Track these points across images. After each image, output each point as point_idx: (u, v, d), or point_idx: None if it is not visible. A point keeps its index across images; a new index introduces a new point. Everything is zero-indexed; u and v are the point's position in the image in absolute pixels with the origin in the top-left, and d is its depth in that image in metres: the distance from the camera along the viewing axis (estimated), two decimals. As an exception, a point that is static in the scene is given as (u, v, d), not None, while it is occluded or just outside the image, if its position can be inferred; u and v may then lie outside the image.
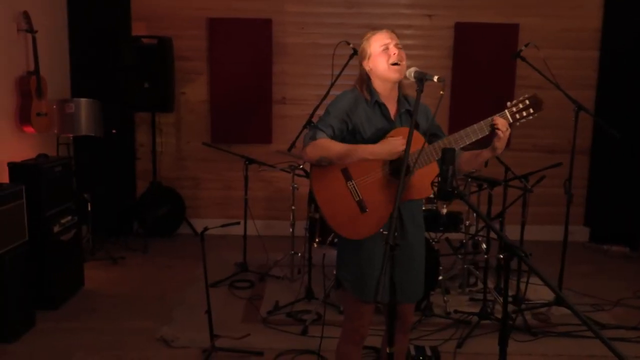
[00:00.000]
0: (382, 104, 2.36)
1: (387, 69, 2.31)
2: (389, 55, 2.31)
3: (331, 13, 5.71)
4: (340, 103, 2.35)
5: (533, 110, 2.32)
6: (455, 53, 5.73)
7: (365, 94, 2.37)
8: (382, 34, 2.36)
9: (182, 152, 5.90)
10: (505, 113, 2.30)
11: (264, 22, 5.66)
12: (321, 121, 2.34)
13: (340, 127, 2.32)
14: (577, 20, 5.71)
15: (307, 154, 2.29)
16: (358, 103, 2.35)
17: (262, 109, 5.78)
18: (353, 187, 2.29)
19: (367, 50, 2.37)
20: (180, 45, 5.60)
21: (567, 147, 5.99)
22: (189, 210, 5.96)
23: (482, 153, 2.39)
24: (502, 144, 2.30)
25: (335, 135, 2.31)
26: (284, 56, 5.75)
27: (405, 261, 2.38)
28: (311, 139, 2.29)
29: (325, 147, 2.26)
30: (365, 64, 2.38)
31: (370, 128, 2.34)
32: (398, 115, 2.40)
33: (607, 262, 5.38)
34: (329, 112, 2.34)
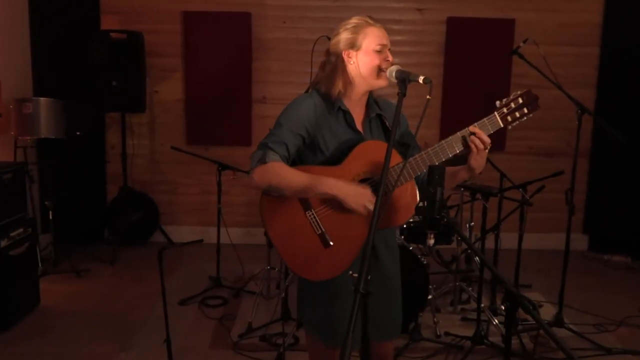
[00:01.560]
0: (347, 112, 2.00)
1: (375, 74, 1.95)
2: (383, 60, 1.95)
3: (315, 6, 5.34)
4: (297, 112, 1.96)
5: (528, 109, 1.97)
6: (447, 50, 5.37)
7: (332, 95, 1.99)
8: (381, 30, 1.98)
9: (156, 154, 5.53)
10: (495, 117, 1.94)
11: (243, 16, 5.29)
12: (272, 137, 1.94)
13: (297, 142, 1.94)
14: (576, 14, 5.37)
15: (254, 179, 1.91)
16: (319, 111, 1.97)
17: (241, 108, 5.41)
18: (313, 218, 1.92)
19: (359, 40, 1.97)
20: (153, 41, 5.22)
21: (565, 150, 5.69)
22: (163, 217, 5.58)
23: (459, 173, 2.03)
24: (479, 162, 1.94)
25: (291, 155, 1.94)
26: (264, 52, 5.38)
27: (380, 295, 2.02)
28: (260, 161, 1.89)
29: (276, 175, 1.88)
30: (348, 55, 1.98)
31: (334, 142, 1.97)
32: (366, 122, 2.04)
33: (608, 274, 5.06)
34: (281, 124, 1.95)
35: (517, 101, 1.95)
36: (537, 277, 4.82)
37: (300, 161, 2.04)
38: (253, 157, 1.94)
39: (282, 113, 2.00)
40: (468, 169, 1.96)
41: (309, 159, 2.00)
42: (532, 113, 1.96)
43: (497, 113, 1.95)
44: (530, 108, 1.96)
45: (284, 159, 1.93)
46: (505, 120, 1.94)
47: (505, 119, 1.94)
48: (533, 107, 1.96)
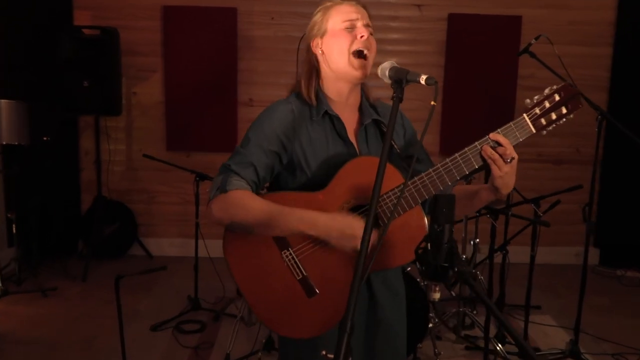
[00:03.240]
0: (335, 117, 1.60)
1: (346, 60, 1.56)
2: (354, 38, 1.55)
3: (306, 1, 4.93)
4: (269, 123, 1.57)
5: (567, 108, 1.56)
6: (449, 49, 4.98)
7: (311, 99, 1.60)
8: (350, 5, 1.60)
9: (134, 161, 5.12)
10: (524, 120, 1.54)
11: (227, 12, 4.89)
12: (237, 156, 1.55)
13: (270, 163, 1.55)
14: (587, 12, 4.98)
15: (213, 213, 1.52)
16: (298, 120, 1.58)
17: (226, 111, 5.01)
18: (292, 259, 1.52)
19: (322, 24, 1.62)
20: (130, 38, 4.82)
21: (576, 157, 5.31)
22: (141, 229, 5.18)
23: (479, 193, 1.63)
24: (505, 181, 1.53)
25: (262, 179, 1.54)
26: (251, 51, 4.98)
27: (379, 343, 1.63)
28: (220, 189, 1.51)
29: (240, 208, 1.49)
30: (316, 45, 1.62)
31: (318, 158, 1.57)
32: (361, 131, 1.64)
33: (622, 292, 4.67)
34: (249, 139, 1.56)
35: (553, 98, 1.55)
36: (546, 296, 4.43)
37: (278, 185, 1.64)
38: (213, 182, 1.55)
39: (252, 125, 1.60)
40: (492, 189, 1.56)
41: (287, 182, 1.60)
42: (572, 113, 1.56)
43: (527, 115, 1.54)
44: (571, 107, 1.55)
45: (251, 185, 1.53)
46: (539, 123, 1.54)
47: (539, 123, 1.53)
48: (574, 106, 1.56)
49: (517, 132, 1.54)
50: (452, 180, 1.51)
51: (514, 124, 1.54)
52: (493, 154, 1.49)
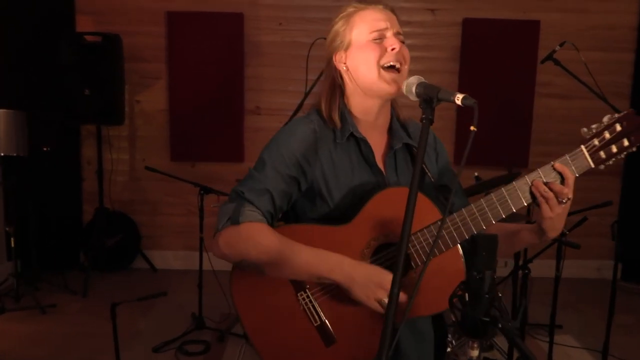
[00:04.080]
0: (362, 139, 1.42)
1: (376, 74, 1.37)
2: (384, 51, 1.37)
3: (314, 6, 4.78)
4: (288, 144, 1.40)
5: (630, 140, 1.37)
6: (463, 55, 4.79)
7: (334, 120, 1.42)
8: (376, 11, 1.41)
9: (137, 171, 4.96)
10: (582, 152, 1.36)
11: (234, 17, 4.73)
12: (251, 181, 1.38)
13: (288, 190, 1.37)
14: (608, 16, 4.78)
15: (220, 248, 1.35)
16: (320, 142, 1.40)
17: (232, 120, 4.84)
18: (309, 302, 1.35)
19: (345, 35, 1.42)
20: (133, 44, 4.67)
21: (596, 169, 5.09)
22: (145, 241, 5.01)
23: (520, 234, 1.45)
24: (555, 224, 1.37)
25: (278, 209, 1.37)
26: (258, 57, 4.81)
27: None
28: (230, 220, 1.33)
29: (254, 244, 1.32)
30: (339, 60, 1.43)
31: (340, 185, 1.39)
32: (390, 156, 1.46)
33: (647, 310, 4.45)
34: (265, 162, 1.38)
35: (614, 128, 1.36)
36: (566, 313, 4.21)
37: (295, 213, 1.45)
38: (221, 212, 1.36)
39: (268, 145, 1.42)
40: (537, 231, 1.38)
41: (306, 211, 1.42)
42: (635, 146, 1.37)
43: (585, 147, 1.36)
44: (634, 139, 1.36)
45: (266, 216, 1.35)
46: (597, 157, 1.35)
47: (598, 156, 1.35)
48: (637, 138, 1.37)
49: (574, 166, 1.36)
50: (496, 218, 1.34)
51: (569, 157, 1.36)
52: (546, 192, 1.31)
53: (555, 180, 1.37)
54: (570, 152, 1.41)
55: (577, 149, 1.40)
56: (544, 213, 1.34)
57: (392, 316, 0.93)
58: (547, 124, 4.84)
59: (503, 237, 1.47)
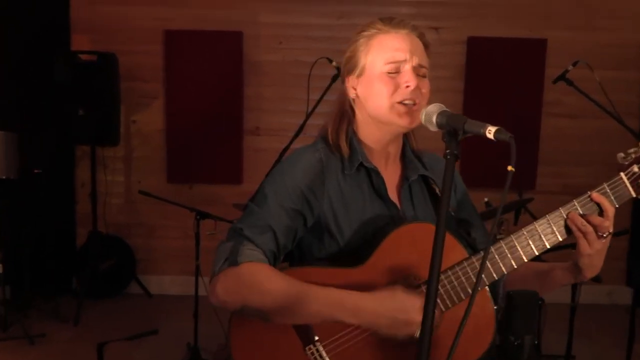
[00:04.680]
0: (373, 170, 1.28)
1: (387, 107, 1.23)
2: (397, 87, 1.23)
3: (316, 24, 4.68)
4: (292, 176, 1.26)
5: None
6: (468, 74, 4.68)
7: (341, 148, 1.28)
8: (398, 37, 1.26)
9: (132, 193, 4.80)
10: (622, 180, 1.23)
11: (233, 36, 4.62)
12: (251, 217, 1.24)
13: (292, 226, 1.23)
14: (616, 34, 4.67)
15: (218, 294, 1.20)
16: (328, 173, 1.27)
17: (231, 140, 4.71)
18: (318, 358, 1.19)
19: (359, 59, 1.29)
20: (130, 63, 4.55)
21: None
22: (140, 265, 4.85)
23: (553, 273, 1.31)
24: (593, 262, 1.24)
25: (281, 248, 1.22)
26: (257, 77, 4.69)
27: None
28: (228, 261, 1.18)
29: (257, 288, 1.17)
30: (350, 85, 1.30)
31: (351, 221, 1.25)
32: (405, 188, 1.31)
33: (662, 338, 4.26)
34: (267, 195, 1.25)
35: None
36: (578, 341, 4.03)
37: (300, 253, 1.30)
38: (218, 253, 1.21)
39: (269, 176, 1.28)
40: (572, 270, 1.24)
41: (312, 250, 1.28)
42: None
43: (624, 175, 1.22)
44: None
45: (269, 256, 1.20)
46: (638, 186, 1.22)
47: (638, 185, 1.22)
48: None
49: (613, 196, 1.22)
50: (529, 257, 1.20)
51: (608, 186, 1.22)
52: (585, 226, 1.17)
53: (593, 212, 1.24)
54: (608, 181, 1.28)
55: (616, 176, 1.26)
56: (581, 249, 1.21)
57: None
58: (556, 144, 4.71)
59: (533, 277, 1.33)
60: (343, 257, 1.24)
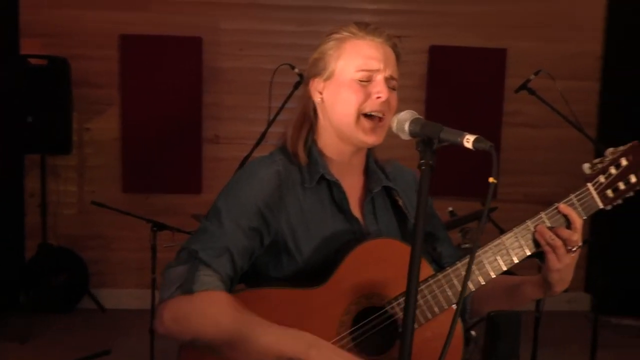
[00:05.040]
0: (335, 183, 1.20)
1: (353, 122, 1.16)
2: (368, 96, 1.16)
3: (278, 31, 4.60)
4: (248, 191, 1.17)
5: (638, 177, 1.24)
6: (430, 82, 4.68)
7: (300, 157, 1.19)
8: (372, 45, 1.20)
9: (86, 203, 4.60)
10: (589, 191, 1.19)
11: (192, 41, 4.50)
12: (205, 237, 1.14)
13: (249, 246, 1.14)
14: (574, 45, 4.75)
15: (165, 323, 1.10)
16: (285, 186, 1.18)
17: (190, 149, 4.58)
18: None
19: (330, 62, 1.21)
20: (83, 68, 4.38)
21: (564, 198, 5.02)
22: (93, 279, 4.64)
23: (522, 288, 1.27)
24: (563, 276, 1.20)
25: (238, 270, 1.12)
26: (217, 84, 4.58)
27: None
28: (182, 288, 1.09)
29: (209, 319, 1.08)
30: (315, 87, 1.22)
31: (311, 238, 1.16)
32: (367, 202, 1.24)
33: (622, 344, 4.32)
34: (222, 213, 1.15)
35: (619, 163, 1.20)
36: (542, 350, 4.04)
37: (255, 273, 1.21)
38: (168, 277, 1.11)
39: (223, 192, 1.19)
40: (542, 285, 1.19)
41: (269, 269, 1.18)
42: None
43: (591, 185, 1.18)
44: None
45: (226, 282, 1.10)
46: (605, 196, 1.19)
47: (605, 195, 1.19)
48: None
49: (581, 208, 1.18)
50: (496, 272, 1.14)
51: (576, 197, 1.18)
52: (554, 240, 1.12)
53: (560, 224, 1.20)
54: (575, 192, 1.23)
55: (583, 187, 1.22)
56: (551, 265, 1.16)
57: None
58: (516, 154, 4.74)
59: (502, 293, 1.29)
60: (303, 276, 1.16)
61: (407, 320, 0.82)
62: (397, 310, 1.13)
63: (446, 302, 1.15)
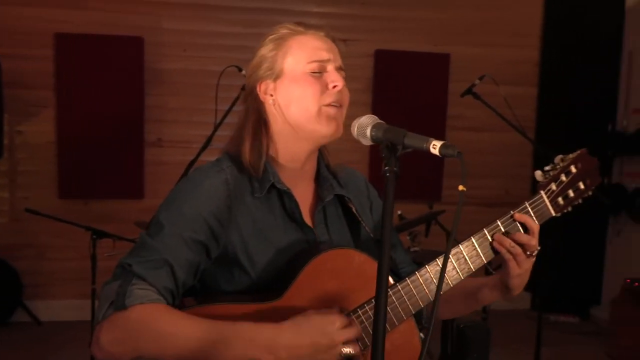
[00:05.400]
0: (286, 192, 1.16)
1: (314, 114, 1.12)
2: (324, 87, 1.13)
3: (223, 33, 4.51)
4: (193, 202, 1.10)
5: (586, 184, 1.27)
6: (376, 86, 4.71)
7: (257, 168, 1.14)
8: (317, 38, 1.18)
9: (19, 211, 4.35)
10: (542, 199, 1.21)
11: (133, 41, 4.34)
12: (142, 251, 1.06)
13: (194, 259, 1.07)
14: (514, 51, 4.90)
15: (103, 345, 1.02)
16: (234, 197, 1.13)
17: (131, 153, 4.42)
18: None
19: (276, 62, 1.17)
20: (15, 68, 4.16)
21: (506, 199, 5.16)
22: (27, 290, 4.40)
23: (480, 292, 1.26)
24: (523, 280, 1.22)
25: (180, 285, 1.06)
26: (159, 86, 4.44)
27: None
28: (114, 306, 1.01)
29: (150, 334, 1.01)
30: (265, 90, 1.18)
31: (264, 250, 1.12)
32: (319, 211, 1.20)
33: (562, 341, 4.48)
34: (163, 224, 1.08)
35: (569, 170, 1.21)
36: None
37: (205, 288, 1.15)
38: (103, 294, 1.03)
39: (166, 203, 1.12)
40: (501, 289, 1.20)
41: (220, 284, 1.13)
42: (591, 190, 1.23)
43: (544, 193, 1.19)
44: (589, 182, 1.23)
45: (165, 295, 1.04)
46: (557, 204, 1.21)
47: (557, 203, 1.20)
48: (593, 180, 1.24)
49: (534, 215, 1.19)
50: (454, 282, 1.13)
51: (530, 205, 1.19)
52: (514, 247, 1.12)
53: (516, 232, 1.20)
54: (529, 199, 1.24)
55: (537, 195, 1.23)
56: (511, 271, 1.16)
57: None
58: (459, 157, 4.84)
59: (459, 298, 1.28)
60: (256, 289, 1.11)
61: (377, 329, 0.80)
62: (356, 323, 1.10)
63: (405, 314, 1.13)
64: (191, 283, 1.11)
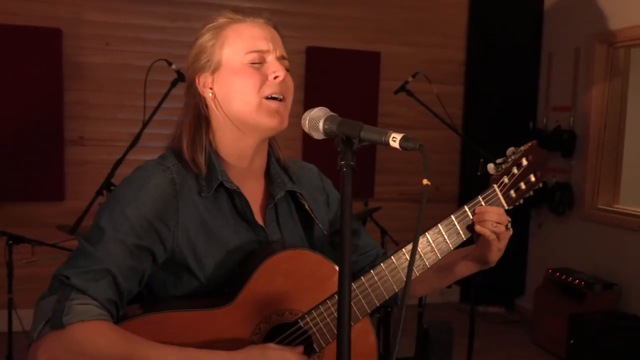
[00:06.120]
0: (236, 191, 1.09)
1: (254, 107, 1.06)
2: (265, 79, 1.07)
3: (148, 26, 4.33)
4: (136, 204, 1.02)
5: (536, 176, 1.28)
6: (307, 83, 4.68)
7: (200, 165, 1.07)
8: (255, 26, 1.12)
9: None
10: (495, 193, 1.21)
11: (50, 33, 4.08)
12: (82, 260, 0.97)
13: (138, 266, 0.99)
14: (441, 50, 5.02)
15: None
16: (181, 197, 1.05)
17: (50, 152, 4.15)
18: None
19: (214, 53, 1.11)
20: None
21: (436, 195, 5.28)
22: None
23: (456, 266, 1.26)
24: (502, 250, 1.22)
25: (124, 294, 0.98)
26: (80, 81, 4.20)
27: None
28: (51, 323, 0.91)
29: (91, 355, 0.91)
30: (204, 83, 1.11)
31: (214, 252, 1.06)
32: (270, 208, 1.15)
33: (491, 331, 4.63)
34: (104, 231, 0.99)
35: (521, 163, 1.22)
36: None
37: (151, 292, 1.07)
38: (38, 310, 0.92)
39: (106, 206, 1.02)
40: (479, 261, 1.21)
41: (168, 288, 1.05)
42: (541, 182, 1.25)
43: (497, 187, 1.19)
44: (540, 174, 1.25)
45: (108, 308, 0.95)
46: (510, 197, 1.22)
47: (509, 196, 1.21)
48: (543, 173, 1.26)
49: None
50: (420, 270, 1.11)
51: (483, 199, 1.18)
52: (497, 226, 1.13)
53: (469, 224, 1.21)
54: (482, 193, 1.24)
55: (490, 189, 1.23)
56: (493, 247, 1.16)
57: None
58: (390, 154, 4.90)
59: (432, 275, 1.27)
60: (206, 293, 1.04)
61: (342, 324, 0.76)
62: (311, 325, 1.05)
63: (369, 307, 1.10)
64: (136, 291, 1.03)
